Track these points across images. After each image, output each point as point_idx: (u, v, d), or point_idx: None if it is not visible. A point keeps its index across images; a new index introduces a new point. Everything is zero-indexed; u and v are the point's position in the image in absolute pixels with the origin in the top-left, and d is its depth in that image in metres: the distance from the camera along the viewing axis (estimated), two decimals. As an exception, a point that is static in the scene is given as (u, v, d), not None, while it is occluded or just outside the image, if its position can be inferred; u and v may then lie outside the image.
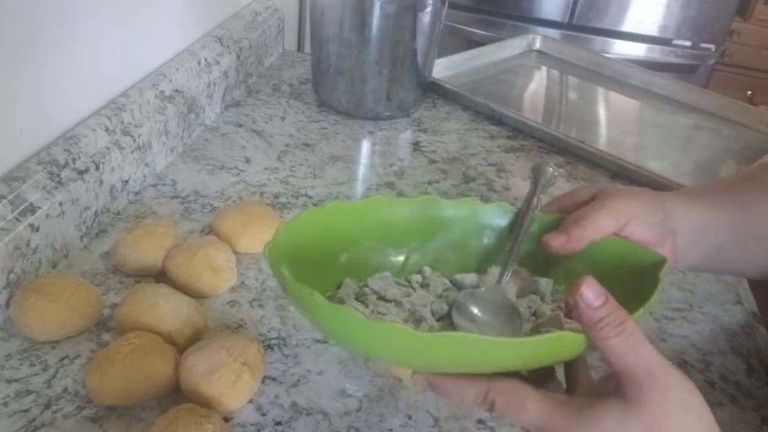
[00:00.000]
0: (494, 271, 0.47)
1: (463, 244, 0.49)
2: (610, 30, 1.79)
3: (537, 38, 1.29)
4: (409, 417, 0.51)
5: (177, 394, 0.49)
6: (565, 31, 1.79)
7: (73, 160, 0.62)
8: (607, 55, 1.47)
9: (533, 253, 0.47)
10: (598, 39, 1.79)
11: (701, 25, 1.74)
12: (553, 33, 1.74)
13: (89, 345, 0.53)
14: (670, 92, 1.15)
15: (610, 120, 1.09)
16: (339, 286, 0.46)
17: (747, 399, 0.56)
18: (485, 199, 0.78)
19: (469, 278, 0.47)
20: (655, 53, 1.79)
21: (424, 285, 0.47)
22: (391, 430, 0.50)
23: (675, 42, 1.77)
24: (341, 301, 0.44)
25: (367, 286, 0.46)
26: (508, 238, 0.48)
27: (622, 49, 1.78)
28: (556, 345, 0.36)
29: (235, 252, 0.63)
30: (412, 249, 0.48)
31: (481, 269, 0.48)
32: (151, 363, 0.48)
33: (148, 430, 0.44)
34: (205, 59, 0.87)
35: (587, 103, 1.13)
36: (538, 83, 1.19)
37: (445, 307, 0.44)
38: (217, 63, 0.89)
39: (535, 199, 0.48)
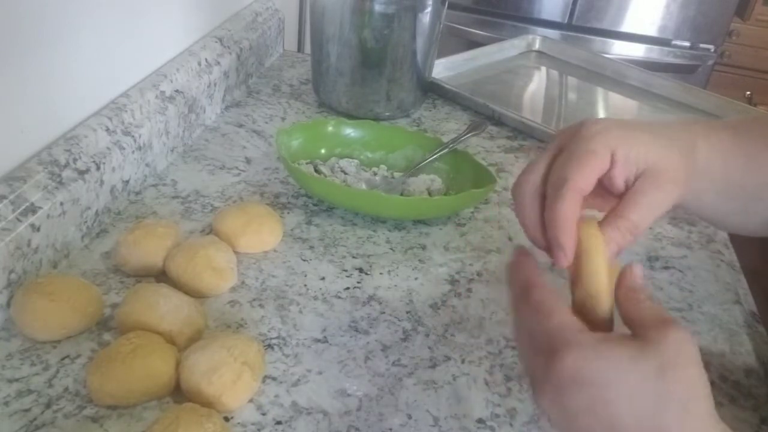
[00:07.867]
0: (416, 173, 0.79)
1: (410, 158, 0.81)
2: (609, 30, 1.79)
3: (537, 39, 1.29)
4: (409, 416, 0.51)
5: (177, 394, 0.50)
6: (565, 31, 1.79)
7: (74, 160, 0.62)
8: (606, 55, 1.47)
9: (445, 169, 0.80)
10: (598, 39, 1.79)
11: (700, 25, 1.74)
12: (553, 33, 1.74)
13: (90, 345, 0.53)
14: (669, 92, 1.15)
15: (610, 120, 1.09)
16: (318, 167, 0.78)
17: (746, 399, 0.56)
18: (486, 200, 0.78)
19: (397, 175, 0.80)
20: (654, 54, 1.79)
21: (376, 173, 0.80)
22: (391, 429, 0.50)
23: (674, 42, 1.77)
24: (320, 172, 0.76)
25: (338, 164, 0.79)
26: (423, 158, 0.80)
27: (621, 49, 1.78)
28: (406, 203, 0.71)
29: (235, 252, 0.63)
30: (381, 154, 0.81)
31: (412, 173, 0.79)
32: (152, 363, 0.48)
33: (149, 430, 0.44)
34: (206, 60, 0.87)
35: (587, 104, 1.13)
36: (537, 83, 1.20)
37: (377, 183, 0.78)
38: (218, 63, 0.89)
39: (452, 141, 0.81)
